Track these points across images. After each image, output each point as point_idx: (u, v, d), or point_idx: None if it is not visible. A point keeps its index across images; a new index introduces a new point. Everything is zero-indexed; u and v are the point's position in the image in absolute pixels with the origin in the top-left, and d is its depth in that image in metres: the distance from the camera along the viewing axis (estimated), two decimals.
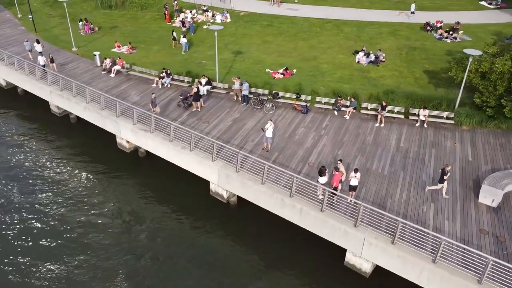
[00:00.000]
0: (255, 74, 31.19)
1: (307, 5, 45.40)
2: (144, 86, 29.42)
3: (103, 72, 31.47)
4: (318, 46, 35.80)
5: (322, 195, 18.60)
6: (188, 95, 26.68)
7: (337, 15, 42.04)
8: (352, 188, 18.57)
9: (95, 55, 32.63)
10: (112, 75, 31.07)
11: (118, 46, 35.90)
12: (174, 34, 36.15)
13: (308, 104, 26.59)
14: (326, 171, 18.74)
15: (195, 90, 26.45)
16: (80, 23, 39.46)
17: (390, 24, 39.82)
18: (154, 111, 25.29)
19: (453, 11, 43.53)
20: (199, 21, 41.06)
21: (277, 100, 27.16)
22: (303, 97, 27.10)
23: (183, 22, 38.95)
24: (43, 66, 30.50)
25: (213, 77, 29.38)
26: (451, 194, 19.45)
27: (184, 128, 22.86)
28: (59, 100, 28.30)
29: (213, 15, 41.59)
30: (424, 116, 24.79)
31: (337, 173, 18.24)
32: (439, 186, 19.20)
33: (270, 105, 26.61)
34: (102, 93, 26.23)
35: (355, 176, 18.39)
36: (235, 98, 27.87)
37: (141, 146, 24.79)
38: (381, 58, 32.50)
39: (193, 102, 26.29)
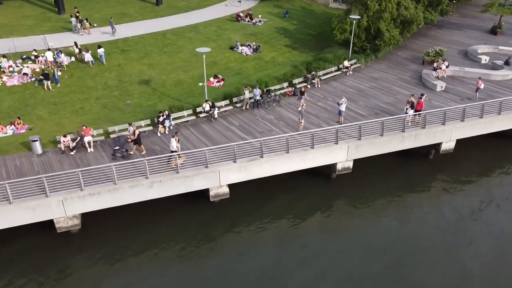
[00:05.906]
0: (193, 93, 31.49)
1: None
2: (144, 141, 24.64)
3: (63, 154, 23.70)
4: (199, 53, 37.57)
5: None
6: (128, 140, 23.64)
7: (156, 27, 42.90)
8: None
9: (35, 140, 23.03)
10: (73, 152, 23.80)
11: (1, 129, 25.71)
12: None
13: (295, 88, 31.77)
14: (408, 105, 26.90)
15: (137, 132, 23.31)
16: None
17: (211, 22, 45.27)
18: (301, 123, 25.36)
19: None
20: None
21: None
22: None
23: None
24: None
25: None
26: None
27: (302, 132, 24.35)
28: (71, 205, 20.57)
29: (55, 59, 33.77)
30: (349, 65, 35.55)
31: (420, 101, 26.88)
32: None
33: (278, 98, 29.97)
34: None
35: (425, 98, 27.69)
36: (244, 108, 28.83)
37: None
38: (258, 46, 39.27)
39: (135, 146, 23.56)
